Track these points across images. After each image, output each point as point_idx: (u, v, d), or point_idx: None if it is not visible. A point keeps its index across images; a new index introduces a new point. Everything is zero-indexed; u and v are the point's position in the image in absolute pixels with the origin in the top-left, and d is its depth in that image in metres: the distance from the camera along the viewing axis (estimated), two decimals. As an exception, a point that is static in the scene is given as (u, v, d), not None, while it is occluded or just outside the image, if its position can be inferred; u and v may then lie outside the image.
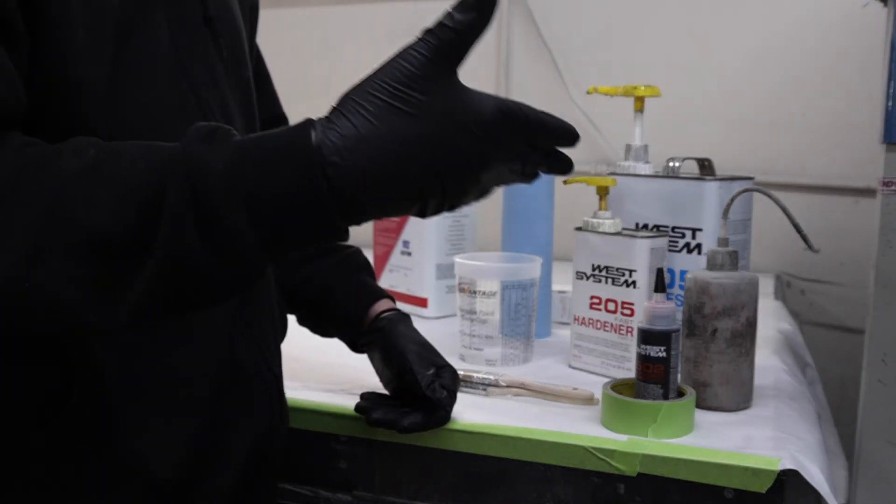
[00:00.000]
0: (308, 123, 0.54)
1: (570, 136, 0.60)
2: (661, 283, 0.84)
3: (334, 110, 0.55)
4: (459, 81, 0.56)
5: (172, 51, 0.67)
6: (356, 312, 0.92)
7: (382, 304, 0.92)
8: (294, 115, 1.01)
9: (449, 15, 0.55)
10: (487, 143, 0.56)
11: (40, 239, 0.51)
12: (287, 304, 0.93)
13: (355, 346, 0.92)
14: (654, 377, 0.82)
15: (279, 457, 0.80)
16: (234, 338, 0.71)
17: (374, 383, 0.89)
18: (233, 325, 0.71)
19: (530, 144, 0.60)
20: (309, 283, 0.94)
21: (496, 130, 0.56)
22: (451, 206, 0.59)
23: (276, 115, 0.96)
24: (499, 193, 1.24)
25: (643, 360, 0.82)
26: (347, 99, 0.55)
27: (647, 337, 0.82)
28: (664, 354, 0.82)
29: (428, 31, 0.55)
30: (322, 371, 1.00)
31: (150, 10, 0.65)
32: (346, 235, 0.56)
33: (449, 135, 0.55)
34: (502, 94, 1.90)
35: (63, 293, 0.51)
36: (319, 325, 0.96)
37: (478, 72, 1.93)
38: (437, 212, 0.59)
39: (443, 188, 0.56)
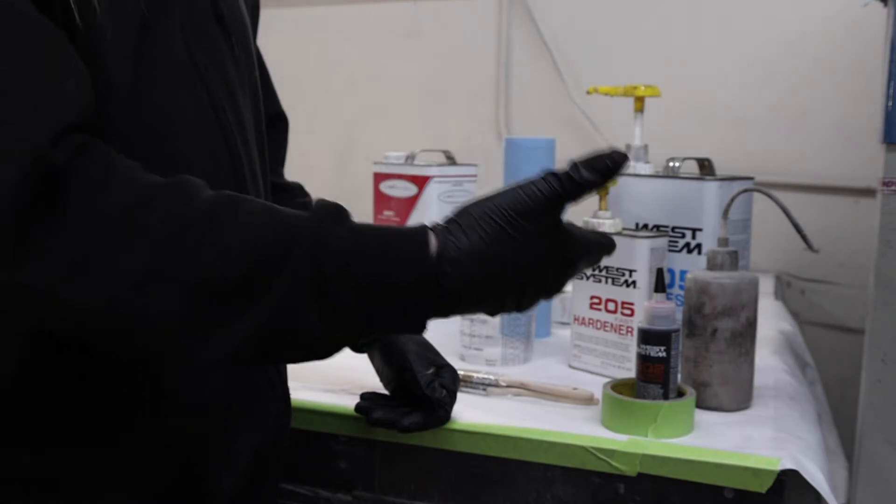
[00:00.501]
0: (428, 229, 0.61)
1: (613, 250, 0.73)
2: (661, 283, 0.84)
3: (453, 222, 0.62)
4: (562, 220, 0.65)
5: (186, 50, 0.67)
6: None
7: None
8: (294, 115, 1.01)
9: (576, 167, 0.63)
10: (573, 269, 0.67)
11: (153, 267, 0.53)
12: None
13: (355, 346, 0.92)
14: (654, 377, 0.82)
15: (283, 457, 0.80)
16: None
17: (374, 383, 0.89)
18: None
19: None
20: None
21: (583, 263, 0.68)
22: (518, 310, 0.66)
23: (275, 113, 0.95)
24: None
25: (643, 360, 0.82)
26: (468, 214, 0.62)
27: (647, 337, 0.82)
28: (664, 354, 0.82)
29: (553, 175, 0.63)
30: (322, 371, 1.00)
31: (166, 11, 0.65)
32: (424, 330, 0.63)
33: (545, 266, 0.64)
34: (502, 93, 1.91)
35: (162, 323, 0.54)
36: None
37: (478, 72, 1.93)
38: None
39: (520, 300, 0.65)
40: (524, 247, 0.61)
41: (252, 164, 0.74)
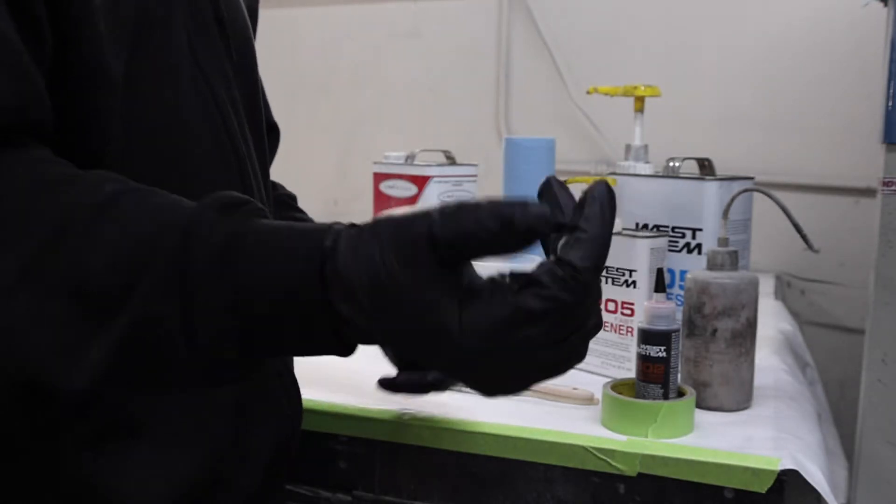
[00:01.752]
0: (331, 229, 0.51)
1: None
2: (661, 283, 0.84)
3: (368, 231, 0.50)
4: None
5: (189, 49, 0.67)
6: None
7: None
8: (294, 115, 1.01)
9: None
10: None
11: (32, 266, 0.48)
12: None
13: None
14: (654, 377, 0.82)
15: (293, 458, 0.80)
16: None
17: (375, 384, 0.89)
18: None
19: None
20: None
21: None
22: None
23: (269, 123, 0.94)
24: (498, 193, 1.24)
25: (643, 360, 0.83)
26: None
27: (647, 337, 0.82)
28: (664, 354, 0.82)
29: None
30: (322, 371, 1.00)
31: (170, 8, 0.65)
32: (346, 351, 0.52)
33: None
34: (502, 93, 1.91)
35: (32, 333, 0.48)
36: None
37: (478, 72, 1.93)
38: None
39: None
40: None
41: (255, 168, 0.74)
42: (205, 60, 0.68)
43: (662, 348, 0.82)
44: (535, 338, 0.50)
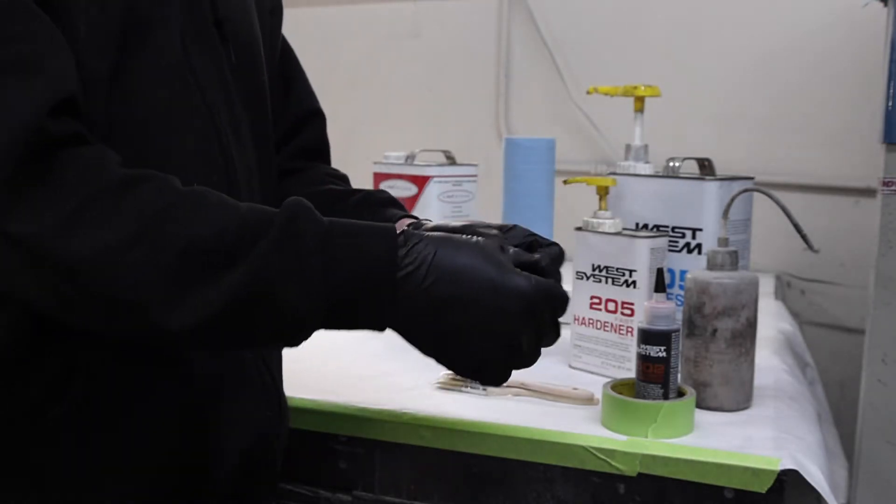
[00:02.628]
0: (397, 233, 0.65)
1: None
2: (661, 283, 0.84)
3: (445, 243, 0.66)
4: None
5: (182, 50, 0.67)
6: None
7: (412, 221, 0.84)
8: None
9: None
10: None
11: (139, 231, 0.57)
12: None
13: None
14: (654, 377, 0.82)
15: (278, 459, 0.80)
16: None
17: (374, 384, 0.89)
18: None
19: None
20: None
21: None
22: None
23: (311, 109, 0.96)
24: (498, 193, 1.24)
25: (643, 360, 0.82)
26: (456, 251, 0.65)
27: (647, 337, 0.82)
28: (664, 354, 0.82)
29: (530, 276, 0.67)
30: (322, 371, 1.00)
31: (163, 9, 0.66)
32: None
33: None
34: (502, 93, 1.91)
35: (141, 280, 0.57)
36: None
37: (478, 72, 1.93)
38: None
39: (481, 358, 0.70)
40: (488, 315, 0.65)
41: (248, 170, 0.74)
42: (198, 62, 0.69)
43: (662, 348, 0.82)
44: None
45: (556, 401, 0.90)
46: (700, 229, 1.02)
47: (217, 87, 0.71)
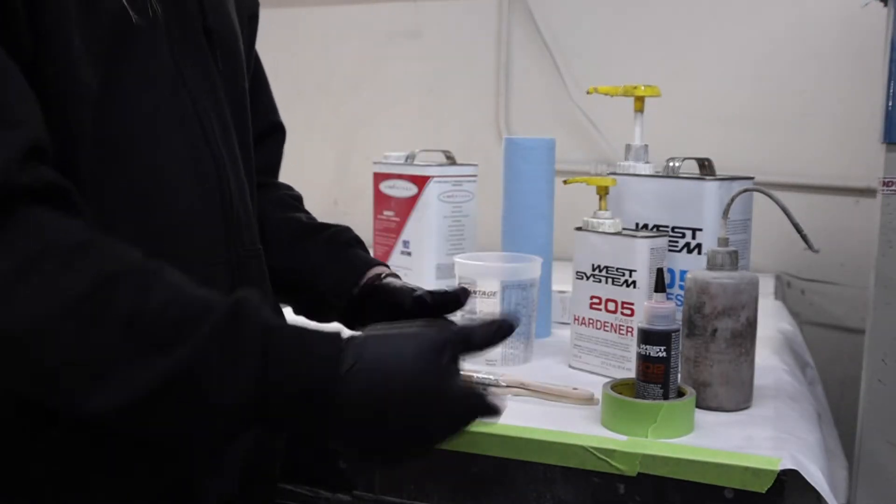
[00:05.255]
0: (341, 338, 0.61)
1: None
2: (661, 283, 0.84)
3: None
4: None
5: (171, 59, 0.67)
6: (349, 280, 0.85)
7: (378, 270, 0.86)
8: (294, 115, 1.01)
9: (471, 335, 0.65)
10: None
11: (85, 300, 0.53)
12: (279, 294, 0.86)
13: (354, 317, 0.86)
14: (654, 377, 0.82)
15: (278, 460, 0.80)
16: None
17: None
18: None
19: None
20: (296, 266, 0.87)
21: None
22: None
23: (272, 123, 0.94)
24: (498, 193, 1.24)
25: (643, 360, 0.83)
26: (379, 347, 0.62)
27: (647, 337, 0.82)
28: (664, 354, 0.82)
29: (454, 349, 0.64)
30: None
31: (151, 18, 0.65)
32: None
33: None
34: (502, 93, 1.91)
35: (80, 353, 0.53)
36: (313, 307, 0.89)
37: (478, 72, 1.93)
38: None
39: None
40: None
41: (238, 175, 0.74)
42: (188, 69, 0.69)
43: (662, 348, 0.82)
44: None
45: (556, 401, 0.90)
46: (700, 229, 1.02)
47: (207, 95, 0.71)
